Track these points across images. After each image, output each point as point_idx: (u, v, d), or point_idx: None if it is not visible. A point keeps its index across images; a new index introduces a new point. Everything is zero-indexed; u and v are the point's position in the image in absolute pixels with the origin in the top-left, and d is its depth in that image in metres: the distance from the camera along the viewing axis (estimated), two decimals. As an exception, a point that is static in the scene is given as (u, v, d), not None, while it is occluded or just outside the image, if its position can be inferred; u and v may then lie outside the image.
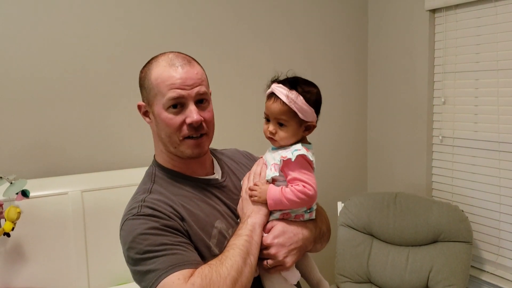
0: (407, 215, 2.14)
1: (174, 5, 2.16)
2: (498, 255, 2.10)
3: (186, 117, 1.06)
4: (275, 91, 1.09)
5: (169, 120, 1.06)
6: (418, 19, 2.37)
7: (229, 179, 1.21)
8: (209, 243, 1.05)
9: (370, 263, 2.16)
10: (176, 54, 1.11)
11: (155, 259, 0.95)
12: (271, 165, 1.12)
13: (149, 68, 1.11)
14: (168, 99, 1.05)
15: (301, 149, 1.08)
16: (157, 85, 1.06)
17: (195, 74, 1.08)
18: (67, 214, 1.74)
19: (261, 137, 1.19)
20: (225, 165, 1.26)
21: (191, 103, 1.06)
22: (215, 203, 1.13)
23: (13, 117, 1.88)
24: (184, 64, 1.08)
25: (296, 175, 1.07)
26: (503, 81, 2.02)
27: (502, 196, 2.05)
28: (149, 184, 1.12)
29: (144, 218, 1.00)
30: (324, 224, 1.22)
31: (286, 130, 1.10)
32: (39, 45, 1.90)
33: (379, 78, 2.69)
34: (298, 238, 1.09)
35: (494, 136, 2.06)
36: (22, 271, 1.67)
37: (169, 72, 1.06)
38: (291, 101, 1.07)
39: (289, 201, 1.06)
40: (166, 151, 1.13)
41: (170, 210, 1.03)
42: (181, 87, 1.05)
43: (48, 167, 1.94)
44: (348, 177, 2.78)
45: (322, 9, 2.58)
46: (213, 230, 1.07)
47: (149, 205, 1.03)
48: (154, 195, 1.07)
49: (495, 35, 2.03)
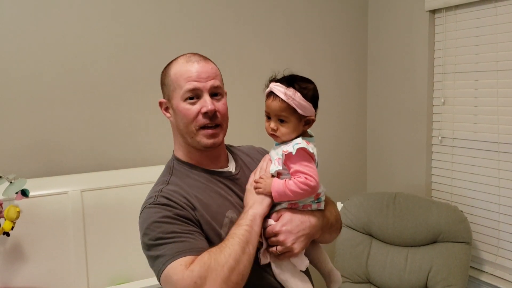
0: (407, 215, 2.14)
1: (174, 5, 2.16)
2: (497, 256, 2.10)
3: (202, 107, 1.15)
4: (274, 89, 1.15)
5: (186, 111, 1.16)
6: (418, 19, 2.37)
7: (243, 172, 1.28)
8: (220, 231, 1.12)
9: (369, 263, 2.16)
10: (193, 53, 1.23)
11: (165, 245, 1.03)
12: (275, 160, 1.17)
13: (169, 67, 1.22)
14: (185, 91, 1.15)
15: (301, 143, 1.13)
16: (176, 79, 1.17)
17: (210, 69, 1.19)
18: (67, 214, 1.74)
19: (262, 135, 1.22)
20: (240, 159, 1.33)
21: (206, 95, 1.16)
22: (227, 194, 1.20)
23: (12, 116, 1.88)
24: (200, 60, 1.19)
25: (298, 167, 1.12)
26: (502, 81, 2.01)
27: (502, 197, 2.05)
28: (167, 176, 1.21)
29: (159, 207, 1.08)
30: (332, 215, 1.26)
31: (287, 126, 1.15)
32: (38, 44, 1.90)
33: (379, 78, 2.69)
34: (305, 226, 1.15)
35: (493, 136, 2.06)
36: (21, 270, 1.67)
37: (186, 67, 1.17)
38: (289, 98, 1.12)
39: (293, 192, 1.10)
40: (184, 143, 1.22)
41: (184, 201, 1.11)
42: (197, 80, 1.15)
43: (48, 166, 1.94)
44: (348, 177, 2.78)
45: (322, 9, 2.58)
46: (224, 219, 1.14)
47: (164, 195, 1.11)
48: (170, 186, 1.15)
49: (495, 35, 2.03)
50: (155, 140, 2.16)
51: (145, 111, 2.12)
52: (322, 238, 1.24)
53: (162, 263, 1.01)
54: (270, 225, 1.13)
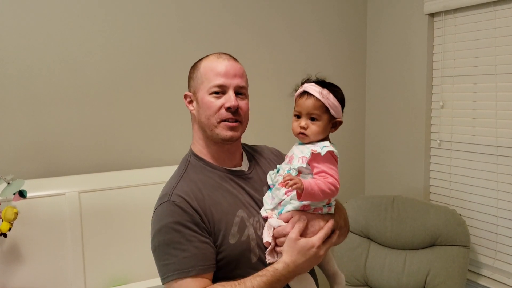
0: (405, 218, 2.14)
1: (173, 5, 2.16)
2: (495, 259, 2.10)
3: (226, 101, 1.19)
4: (308, 89, 1.20)
5: (210, 103, 1.20)
6: (417, 23, 2.38)
7: (255, 172, 1.32)
8: (230, 230, 1.15)
9: (368, 266, 2.16)
10: (224, 52, 1.29)
11: (172, 256, 1.09)
12: (299, 157, 1.19)
13: (200, 62, 1.27)
14: (212, 85, 1.20)
15: (329, 146, 1.18)
16: (205, 73, 1.22)
17: (238, 68, 1.24)
18: (64, 215, 1.74)
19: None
20: (253, 158, 1.36)
21: (231, 91, 1.20)
22: (238, 193, 1.23)
23: (10, 117, 1.87)
24: (230, 59, 1.25)
25: (325, 168, 1.15)
26: (501, 85, 2.02)
27: (500, 200, 2.05)
28: (182, 170, 1.25)
29: (172, 208, 1.12)
30: (341, 218, 1.28)
31: (318, 125, 1.20)
32: (37, 44, 1.90)
33: (377, 81, 2.70)
34: (315, 229, 1.17)
35: (492, 140, 2.06)
36: (18, 271, 1.66)
37: (216, 63, 1.22)
38: (324, 97, 1.18)
39: (322, 191, 1.12)
40: (203, 137, 1.26)
41: (195, 204, 1.14)
42: (225, 76, 1.20)
43: (46, 167, 1.93)
44: (346, 180, 2.75)
45: (321, 12, 2.58)
46: (235, 218, 1.17)
47: (179, 193, 1.15)
48: (184, 182, 1.19)
49: (494, 39, 2.03)
50: (155, 142, 2.16)
51: (145, 112, 2.12)
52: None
53: (171, 272, 1.08)
54: (281, 226, 1.15)
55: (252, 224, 1.19)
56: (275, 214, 1.20)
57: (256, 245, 1.18)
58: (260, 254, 1.17)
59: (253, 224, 1.19)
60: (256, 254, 1.17)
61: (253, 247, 1.17)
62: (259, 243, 1.18)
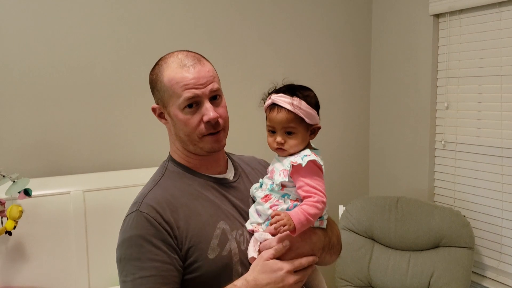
0: (409, 219, 2.13)
1: (178, 5, 2.17)
2: (499, 261, 2.09)
3: (203, 115, 1.08)
4: (277, 101, 1.10)
5: (186, 120, 1.08)
6: (422, 23, 2.37)
7: (242, 181, 1.22)
8: (210, 244, 1.05)
9: (371, 267, 2.16)
10: (185, 53, 1.12)
11: (127, 273, 1.00)
12: (280, 170, 1.10)
13: (159, 70, 1.11)
14: (184, 100, 1.06)
15: (310, 155, 1.09)
16: (171, 86, 1.08)
17: (207, 72, 1.09)
18: (69, 214, 1.75)
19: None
20: (240, 167, 1.26)
21: (206, 101, 1.08)
22: (221, 202, 1.13)
23: (16, 115, 1.89)
24: (195, 64, 1.09)
25: (308, 181, 1.06)
26: (506, 86, 2.01)
27: (505, 202, 2.04)
28: (158, 176, 1.15)
29: (138, 221, 1.03)
30: (334, 236, 1.20)
31: (296, 137, 1.10)
32: (42, 43, 1.91)
33: (382, 82, 2.69)
34: (305, 243, 1.08)
35: (497, 141, 2.06)
36: (23, 269, 1.68)
37: (181, 73, 1.07)
38: (296, 107, 1.08)
39: (312, 216, 1.03)
40: (183, 149, 1.16)
41: (167, 215, 1.04)
42: (195, 87, 1.06)
43: (51, 166, 1.94)
44: (350, 181, 2.77)
45: (326, 13, 2.58)
46: (216, 230, 1.07)
47: (150, 203, 1.05)
48: (158, 189, 1.09)
49: (499, 40, 2.02)
50: (159, 141, 2.15)
51: (149, 112, 2.12)
52: (322, 259, 1.16)
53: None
54: (267, 240, 1.06)
55: (235, 238, 1.08)
56: (261, 228, 1.10)
57: (238, 261, 1.06)
58: (243, 272, 1.05)
59: (236, 238, 1.08)
60: (238, 271, 1.05)
61: (235, 263, 1.06)
62: (242, 259, 1.07)
